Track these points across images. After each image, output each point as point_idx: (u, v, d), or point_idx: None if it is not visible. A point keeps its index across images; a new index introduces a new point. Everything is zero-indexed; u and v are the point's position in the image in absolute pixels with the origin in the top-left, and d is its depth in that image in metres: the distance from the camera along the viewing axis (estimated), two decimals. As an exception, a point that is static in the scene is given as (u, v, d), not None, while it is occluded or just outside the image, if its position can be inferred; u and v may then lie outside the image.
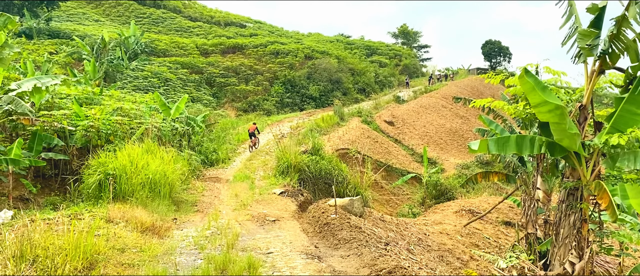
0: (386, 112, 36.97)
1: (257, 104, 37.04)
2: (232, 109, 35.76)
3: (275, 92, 39.51)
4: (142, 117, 15.98)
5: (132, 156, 11.62)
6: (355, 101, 43.47)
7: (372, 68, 54.07)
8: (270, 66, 42.73)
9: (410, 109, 38.58)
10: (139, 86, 30.97)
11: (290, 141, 18.93)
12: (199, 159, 18.47)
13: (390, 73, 56.72)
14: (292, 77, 41.84)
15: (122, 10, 56.42)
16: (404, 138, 32.61)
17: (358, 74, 49.39)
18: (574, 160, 8.80)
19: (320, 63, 44.52)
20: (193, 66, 38.76)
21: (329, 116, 31.70)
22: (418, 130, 34.58)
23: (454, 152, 32.57)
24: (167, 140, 16.49)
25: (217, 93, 37.16)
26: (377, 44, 70.08)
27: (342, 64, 47.66)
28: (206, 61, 40.91)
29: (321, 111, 38.27)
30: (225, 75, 39.34)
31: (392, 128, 33.82)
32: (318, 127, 28.37)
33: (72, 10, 52.78)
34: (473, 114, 40.66)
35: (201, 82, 37.10)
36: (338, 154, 22.77)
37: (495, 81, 11.42)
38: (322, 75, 43.49)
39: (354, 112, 35.03)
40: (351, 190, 17.18)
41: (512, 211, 17.53)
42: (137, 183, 11.12)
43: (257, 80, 40.14)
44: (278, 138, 22.64)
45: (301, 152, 18.45)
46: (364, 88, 47.94)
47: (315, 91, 41.33)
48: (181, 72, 36.31)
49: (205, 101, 33.45)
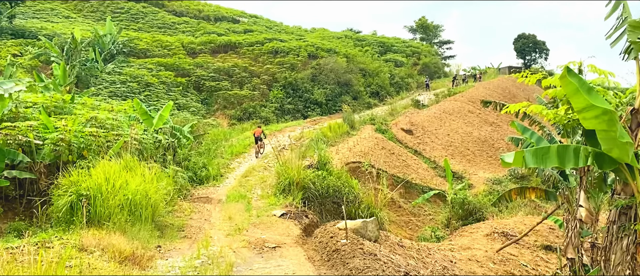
0: (403, 119, 36.97)
1: (253, 111, 37.21)
2: (224, 117, 35.92)
3: (274, 98, 39.69)
4: (120, 129, 16.06)
5: (108, 173, 11.67)
6: (367, 107, 43.56)
7: (386, 68, 54.23)
8: (268, 67, 43.00)
9: (431, 115, 38.58)
10: (116, 92, 31.22)
11: (292, 154, 18.94)
12: (186, 176, 18.50)
13: (407, 73, 56.85)
14: (294, 79, 42.06)
15: (97, 5, 57.05)
16: (424, 148, 32.56)
17: (370, 75, 49.52)
18: (626, 173, 8.72)
19: (326, 63, 44.75)
20: (178, 68, 39.09)
21: (337, 125, 31.77)
22: (441, 139, 34.53)
23: (483, 165, 32.45)
24: (149, 155, 16.55)
25: (206, 99, 37.38)
26: (391, 40, 70.42)
27: (351, 63, 47.86)
28: (194, 61, 41.25)
29: (328, 118, 38.32)
30: (216, 78, 39.58)
31: (410, 138, 33.79)
32: (324, 138, 28.41)
33: (38, 6, 53.46)
34: (505, 121, 40.56)
35: (188, 86, 37.34)
36: (348, 168, 22.75)
37: (531, 82, 11.39)
38: (329, 77, 43.67)
39: (366, 120, 35.09)
40: (364, 210, 17.14)
41: (552, 233, 17.38)
42: (115, 205, 11.15)
43: (253, 83, 40.35)
44: (278, 150, 22.68)
45: (305, 167, 18.46)
46: (378, 91, 48.05)
47: (321, 96, 41.48)
48: (165, 75, 36.59)
49: (193, 109, 33.64)
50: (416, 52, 66.07)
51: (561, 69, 8.25)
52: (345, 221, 11.71)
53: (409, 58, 63.32)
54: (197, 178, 20.22)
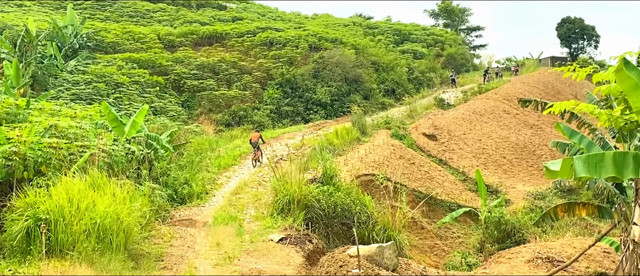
0: (425, 122, 36.94)
1: (244, 115, 37.27)
2: (209, 122, 35.97)
3: (269, 98, 39.78)
4: (85, 139, 16.10)
5: (72, 193, 11.68)
6: (381, 107, 43.56)
7: (403, 61, 54.28)
8: (261, 62, 43.17)
9: (458, 116, 38.53)
10: (80, 95, 31.34)
11: (292, 165, 18.92)
12: (165, 194, 18.51)
13: (429, 67, 56.86)
14: (293, 76, 42.20)
15: (56, -10, 57.29)
16: (451, 157, 32.51)
17: (384, 69, 49.56)
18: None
19: (331, 56, 44.88)
20: (154, 65, 39.28)
21: (346, 129, 31.76)
22: (471, 146, 34.47)
23: (522, 176, 32.35)
24: (121, 169, 16.57)
25: (188, 101, 37.47)
26: (409, 27, 70.61)
27: (361, 56, 47.94)
28: (172, 57, 41.42)
29: (334, 122, 38.29)
30: (200, 76, 39.72)
31: (434, 144, 33.75)
32: (330, 146, 28.39)
33: (-13, -7, 53.73)
34: (548, 123, 40.45)
35: (166, 86, 37.46)
36: (360, 182, 22.71)
37: (580, 77, 11.35)
38: (334, 72, 43.74)
39: (380, 123, 35.06)
40: (379, 233, 17.09)
41: (608, 257, 17.26)
42: (80, 231, 11.15)
43: (244, 82, 40.47)
44: (275, 162, 22.65)
45: (308, 181, 18.47)
46: (393, 89, 48.08)
47: (325, 95, 41.54)
48: (138, 73, 36.73)
49: (173, 113, 33.73)
50: (439, 42, 66.12)
51: (615, 60, 8.22)
52: (356, 246, 11.68)
53: (430, 49, 63.36)
54: (178, 196, 20.20)
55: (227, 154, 27.59)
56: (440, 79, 55.00)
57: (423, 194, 25.08)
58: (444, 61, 61.90)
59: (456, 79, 53.91)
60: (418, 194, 25.31)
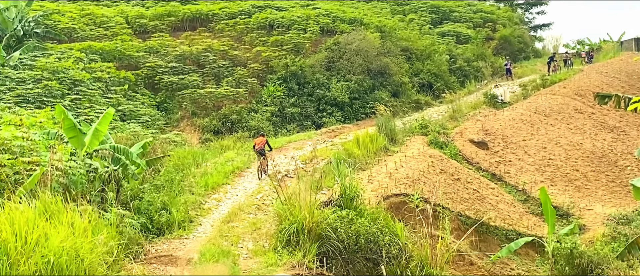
0: (473, 125, 36.77)
1: (237, 119, 37.30)
2: (193, 129, 36.03)
3: (270, 97, 39.81)
4: (34, 153, 16.13)
5: (18, 223, 11.69)
6: (415, 107, 43.53)
7: (443, 46, 54.20)
8: (258, 51, 43.30)
9: (516, 117, 38.34)
10: (27, 96, 31.45)
11: (301, 184, 18.88)
12: (137, 223, 18.51)
13: (476, 53, 56.70)
14: (300, 68, 42.36)
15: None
16: (507, 171, 32.30)
17: (418, 57, 49.50)
18: None
19: (349, 41, 44.97)
20: (122, 57, 39.54)
21: (369, 136, 31.65)
22: (533, 156, 34.27)
23: (600, 194, 32.07)
24: (80, 192, 16.61)
25: (165, 103, 37.63)
26: (450, 3, 70.30)
27: (389, 41, 47.97)
28: (145, 46, 41.71)
29: (354, 126, 38.24)
30: (180, 70, 39.90)
31: (485, 154, 33.57)
32: (350, 158, 28.32)
33: None
34: (634, 124, 40.19)
35: (137, 84, 37.66)
36: (388, 205, 22.61)
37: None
38: (354, 62, 43.77)
39: (414, 128, 35.01)
40: (415, 270, 17.03)
41: None
42: (30, 273, 11.15)
43: (237, 76, 40.59)
44: (278, 179, 22.60)
45: (321, 204, 18.48)
46: (431, 83, 48.00)
47: (342, 92, 41.54)
48: (101, 67, 36.87)
49: (146, 118, 33.85)
50: (489, 21, 65.98)
51: None
52: (387, 289, 11.63)
53: (478, 30, 63.22)
54: (154, 225, 20.16)
55: (217, 171, 27.60)
56: (492, 70, 54.89)
57: (471, 220, 24.91)
58: (497, 45, 61.72)
59: (512, 68, 53.70)
60: (465, 219, 25.12)
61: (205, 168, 28.25)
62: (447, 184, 27.69)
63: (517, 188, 30.93)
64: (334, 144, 32.84)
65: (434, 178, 27.37)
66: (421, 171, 27.63)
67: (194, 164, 28.75)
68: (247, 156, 30.46)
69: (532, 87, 45.53)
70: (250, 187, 25.80)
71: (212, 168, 28.17)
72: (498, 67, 55.26)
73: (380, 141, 31.72)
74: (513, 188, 30.93)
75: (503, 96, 43.42)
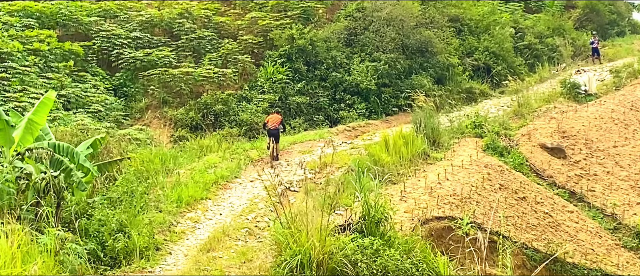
0: (545, 124, 36.54)
1: (223, 110, 37.36)
2: (162, 123, 36.08)
3: (269, 81, 39.80)
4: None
5: None
6: (466, 98, 43.58)
7: (506, 16, 54.02)
8: (254, 17, 43.52)
9: (605, 115, 38.14)
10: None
11: (309, 200, 18.84)
12: (83, 250, 18.52)
13: (552, 27, 56.51)
14: (310, 43, 42.35)
15: None
16: (592, 188, 32.05)
17: (472, 31, 49.48)
18: None
19: (377, 7, 45.09)
20: (67, 22, 39.63)
21: (403, 137, 31.44)
22: (627, 168, 34.02)
23: None
24: (7, 205, 16.63)
25: (126, 86, 37.74)
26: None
27: (432, 7, 47.89)
28: (99, 8, 41.87)
29: (383, 123, 38.21)
30: (146, 42, 40.10)
31: (561, 164, 33.34)
32: (376, 166, 28.18)
33: None
34: None
35: (88, 60, 37.71)
36: (428, 231, 22.50)
37: None
38: (384, 36, 43.80)
39: (464, 127, 34.91)
40: (463, 323, 16.95)
41: None
42: None
43: (224, 52, 40.72)
44: (277, 193, 22.56)
45: (336, 229, 18.47)
46: (488, 66, 47.96)
47: (367, 76, 41.48)
48: (39, 36, 36.97)
49: (99, 107, 33.84)
50: (570, -13, 65.95)
51: None
52: None
53: (554, -1, 63.25)
54: (108, 253, 20.14)
55: (194, 181, 27.56)
56: (572, 49, 54.72)
57: (541, 254, 24.84)
58: (580, 16, 61.61)
59: (599, 48, 53.44)
60: (532, 253, 25.00)
61: (178, 177, 28.19)
62: (509, 204, 27.53)
63: (605, 212, 30.57)
64: (355, 147, 32.86)
65: (491, 196, 27.22)
66: (474, 187, 27.47)
67: (163, 171, 28.73)
68: (235, 160, 30.41)
69: (627, 74, 45.20)
70: (239, 203, 25.73)
71: (188, 177, 28.14)
72: (581, 46, 55.06)
73: (419, 144, 31.38)
74: (599, 212, 30.58)
75: (587, 86, 43.05)
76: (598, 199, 31.43)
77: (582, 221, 29.51)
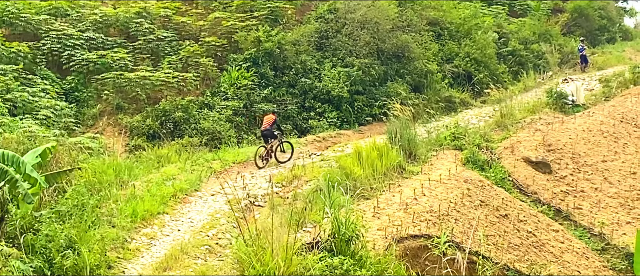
0: (530, 137, 36.72)
1: (183, 118, 37.32)
2: (117, 132, 36.02)
3: (233, 87, 39.78)
4: None
5: None
6: (445, 108, 43.83)
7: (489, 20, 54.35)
8: (217, 18, 43.56)
9: (593, 128, 38.35)
10: None
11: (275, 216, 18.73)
12: (29, 268, 18.31)
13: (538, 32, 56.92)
14: (278, 46, 42.43)
15: None
16: (579, 205, 32.18)
17: (453, 35, 49.78)
18: None
19: (351, 8, 45.27)
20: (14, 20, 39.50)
21: (377, 149, 31.52)
22: (617, 185, 34.17)
23: None
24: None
25: (77, 91, 37.56)
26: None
27: (409, 9, 48.08)
28: (49, 5, 41.82)
29: (355, 133, 38.34)
30: (100, 43, 39.95)
31: (546, 180, 33.44)
32: (348, 180, 28.17)
33: None
34: None
35: (37, 62, 37.50)
36: (402, 251, 22.49)
37: None
38: (357, 40, 43.99)
39: (443, 139, 35.12)
40: None
41: None
42: None
43: (185, 55, 40.67)
44: (241, 208, 22.42)
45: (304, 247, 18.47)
46: (469, 73, 48.21)
47: (339, 82, 41.70)
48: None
49: (48, 113, 33.61)
50: (556, -13, 66.43)
51: None
52: None
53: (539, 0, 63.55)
54: (56, 271, 19.96)
55: (150, 194, 27.37)
56: (559, 56, 55.17)
57: (524, 276, 24.84)
58: (567, 21, 62.19)
59: (586, 54, 53.85)
60: (514, 275, 24.99)
61: (133, 189, 28.01)
62: (490, 222, 27.56)
63: (592, 232, 30.70)
64: (326, 159, 32.89)
65: (471, 213, 27.24)
66: (452, 203, 27.48)
67: (116, 183, 28.58)
68: (196, 172, 30.28)
69: (618, 84, 45.57)
70: (199, 218, 25.61)
71: (144, 190, 27.95)
72: (569, 53, 55.44)
73: (394, 157, 31.42)
74: (586, 231, 30.70)
75: (575, 96, 43.34)
76: (585, 218, 31.53)
77: (567, 241, 29.56)
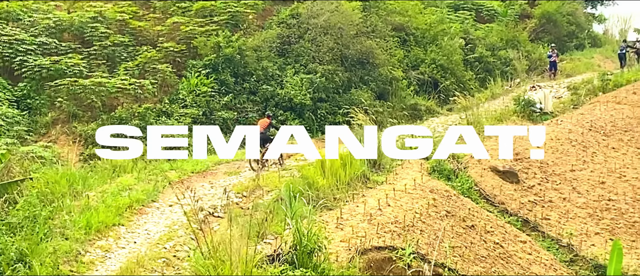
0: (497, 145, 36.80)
1: (140, 124, 36.83)
2: (71, 140, 35.81)
3: (192, 94, 39.68)
4: None
5: None
6: (411, 116, 43.85)
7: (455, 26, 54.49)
8: (176, 23, 43.54)
9: (561, 136, 38.60)
10: None
11: (234, 227, 18.87)
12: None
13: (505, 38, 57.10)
14: (239, 51, 42.36)
15: None
16: (547, 215, 32.32)
17: (419, 41, 49.86)
18: None
19: (314, 13, 45.21)
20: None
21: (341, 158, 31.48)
22: (585, 195, 34.41)
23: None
24: None
25: (30, 98, 37.38)
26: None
27: (374, 14, 48.12)
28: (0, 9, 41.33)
29: (319, 141, 38.29)
30: (53, 48, 39.76)
31: (513, 190, 33.62)
32: (310, 190, 28.26)
33: None
34: None
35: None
36: (366, 263, 22.51)
37: None
38: (321, 46, 43.99)
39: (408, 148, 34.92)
40: None
41: None
42: None
43: (142, 61, 40.50)
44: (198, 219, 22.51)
45: (264, 260, 18.52)
46: (435, 80, 48.24)
47: (302, 89, 41.58)
48: None
49: (0, 121, 33.53)
50: (525, -6, 66.79)
51: None
52: None
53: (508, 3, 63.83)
54: (7, 287, 20.03)
55: (106, 205, 27.32)
56: (528, 63, 55.33)
57: (492, 289, 25.06)
58: (536, 26, 62.38)
59: (557, 62, 54.09)
60: (481, 287, 25.23)
61: (87, 200, 27.91)
62: (456, 233, 27.72)
63: (560, 243, 30.87)
64: (287, 168, 32.87)
65: (437, 224, 27.36)
66: (417, 214, 27.57)
67: (70, 194, 28.45)
68: (152, 182, 30.26)
69: (586, 92, 45.78)
70: (156, 230, 25.53)
71: (99, 201, 27.87)
72: (537, 60, 55.66)
73: (358, 166, 31.42)
74: (554, 243, 30.82)
75: (543, 104, 43.47)
76: (553, 229, 31.72)
77: (535, 253, 29.79)
